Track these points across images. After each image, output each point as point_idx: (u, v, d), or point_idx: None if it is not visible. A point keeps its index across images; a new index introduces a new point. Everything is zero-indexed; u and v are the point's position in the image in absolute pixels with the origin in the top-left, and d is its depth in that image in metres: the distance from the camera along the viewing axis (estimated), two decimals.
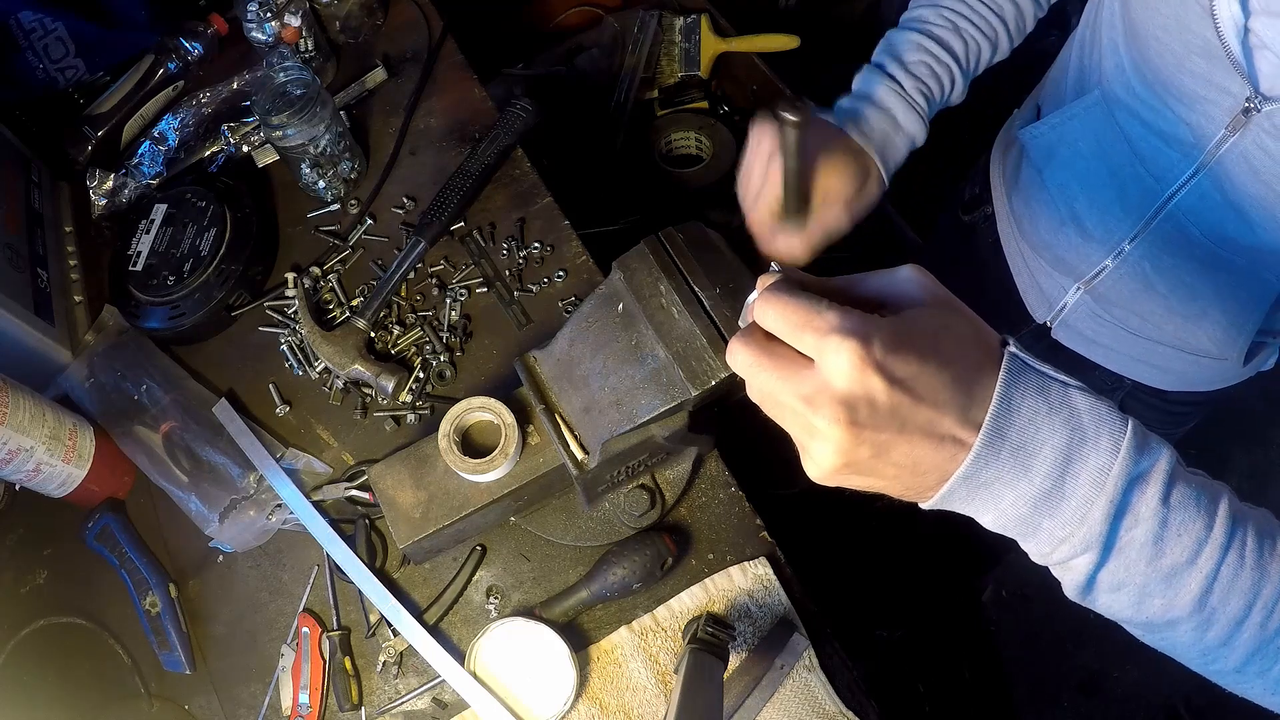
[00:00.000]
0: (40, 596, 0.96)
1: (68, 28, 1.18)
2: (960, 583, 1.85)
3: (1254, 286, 0.78)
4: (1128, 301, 0.88)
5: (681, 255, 0.73)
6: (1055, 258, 0.93)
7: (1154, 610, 0.47)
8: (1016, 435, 0.44)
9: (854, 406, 0.43)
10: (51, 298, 1.04)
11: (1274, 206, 0.69)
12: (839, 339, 0.43)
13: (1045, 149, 0.90)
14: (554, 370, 0.80)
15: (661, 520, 0.88)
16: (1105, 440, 0.44)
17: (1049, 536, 0.46)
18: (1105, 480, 0.44)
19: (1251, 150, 0.68)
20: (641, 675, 0.84)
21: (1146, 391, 1.00)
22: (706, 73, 1.80)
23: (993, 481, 0.45)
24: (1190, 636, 0.48)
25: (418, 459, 0.84)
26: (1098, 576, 0.47)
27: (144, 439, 0.98)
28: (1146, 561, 0.46)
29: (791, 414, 0.46)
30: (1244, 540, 0.46)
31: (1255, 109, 0.65)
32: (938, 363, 0.44)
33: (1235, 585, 0.46)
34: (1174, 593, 0.46)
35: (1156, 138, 0.77)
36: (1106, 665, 1.77)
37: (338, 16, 1.20)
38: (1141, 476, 0.45)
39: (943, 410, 0.44)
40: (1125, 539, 0.45)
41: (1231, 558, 0.46)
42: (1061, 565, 0.48)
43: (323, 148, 1.04)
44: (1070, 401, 0.45)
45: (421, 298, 1.04)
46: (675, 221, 0.75)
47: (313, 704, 0.85)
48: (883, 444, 0.44)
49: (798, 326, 0.45)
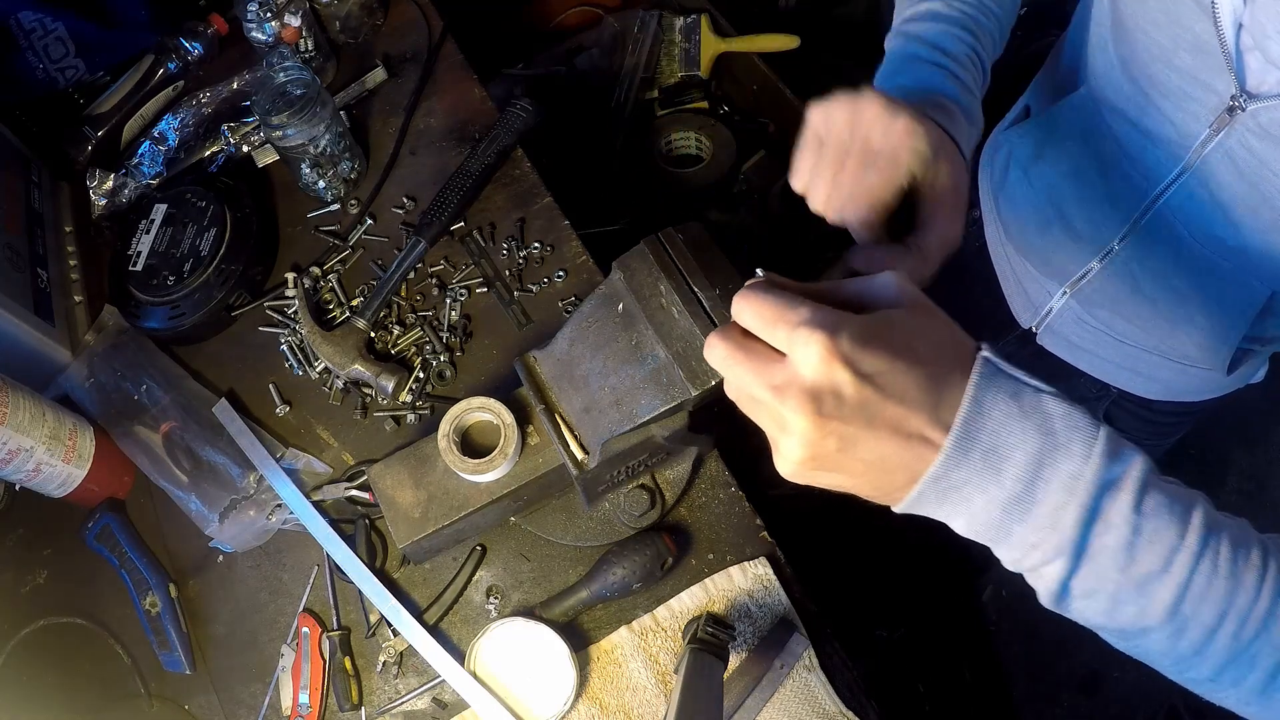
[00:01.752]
0: (40, 596, 0.96)
1: (68, 28, 1.19)
2: (960, 582, 1.84)
3: (1240, 293, 0.78)
4: (1114, 305, 0.88)
5: (681, 255, 0.73)
6: (1042, 260, 0.93)
7: (1127, 618, 0.47)
8: (988, 438, 0.44)
9: (820, 398, 0.44)
10: (51, 298, 1.04)
11: (1258, 207, 0.69)
12: (808, 330, 0.44)
13: (1032, 148, 0.90)
14: (554, 370, 0.80)
15: (661, 520, 0.88)
16: (1078, 446, 0.44)
17: (1020, 542, 0.46)
18: (1077, 486, 0.44)
19: (1236, 149, 0.67)
20: (641, 675, 0.84)
21: (1133, 401, 1.00)
22: (706, 73, 1.81)
23: (963, 484, 0.45)
24: (1164, 644, 0.48)
25: (417, 459, 0.84)
26: (1070, 583, 0.46)
27: (144, 439, 0.98)
28: (1119, 569, 0.45)
29: (762, 406, 0.47)
30: (1218, 549, 0.46)
31: (1240, 107, 0.65)
32: (909, 361, 0.44)
33: (1208, 594, 0.46)
34: (1146, 600, 0.46)
35: (1143, 136, 0.76)
36: (1106, 665, 1.77)
37: (338, 16, 1.20)
38: (1114, 483, 0.45)
39: (911, 408, 0.44)
40: (1097, 545, 0.45)
41: (1204, 566, 0.45)
42: (1034, 572, 0.48)
43: (323, 148, 1.05)
44: (1043, 407, 0.45)
45: (421, 298, 1.04)
46: (675, 221, 0.75)
47: (313, 704, 0.85)
48: (849, 437, 0.44)
49: (771, 321, 0.46)
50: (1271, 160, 0.65)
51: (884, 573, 1.71)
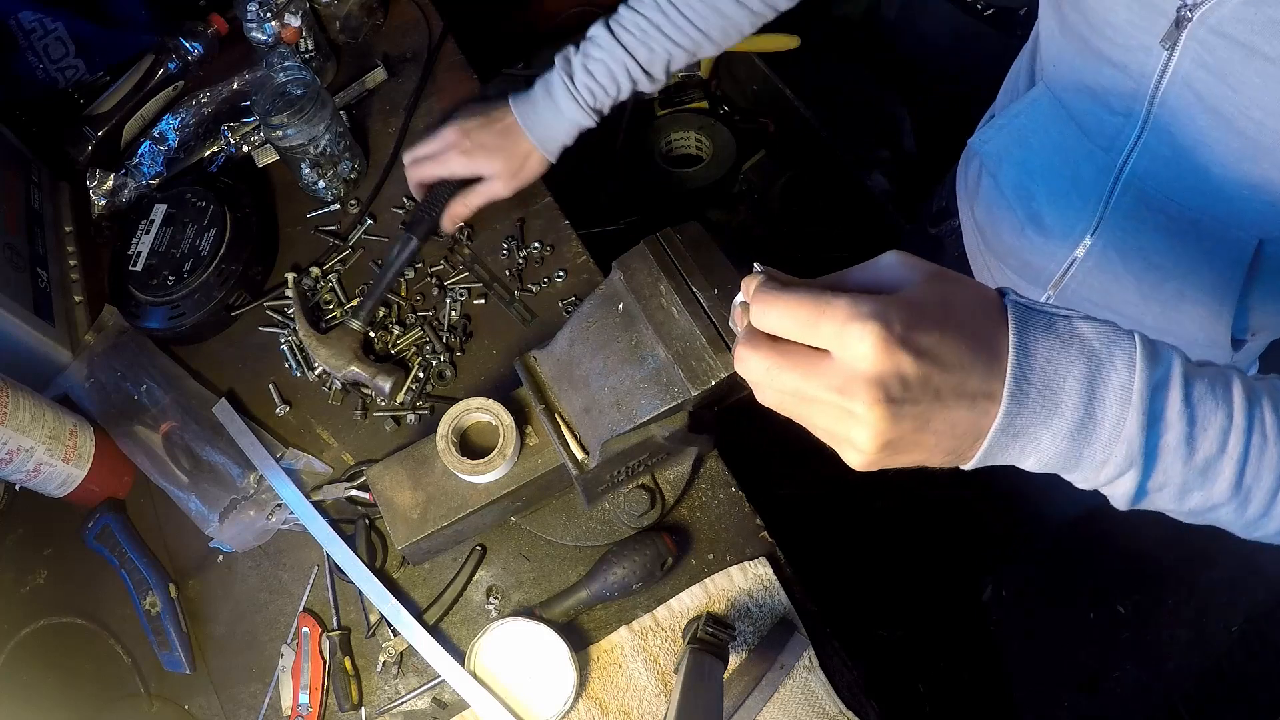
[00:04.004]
0: (40, 596, 0.96)
1: (68, 28, 1.18)
2: (960, 583, 1.85)
3: (1227, 250, 0.76)
4: (1100, 298, 0.87)
5: (681, 256, 0.73)
6: (1021, 263, 0.93)
7: (1195, 501, 0.50)
8: (1039, 376, 0.46)
9: (887, 385, 0.44)
10: (51, 298, 1.04)
11: (1226, 137, 0.67)
12: (860, 324, 0.43)
13: (998, 152, 0.91)
14: (554, 370, 0.80)
15: (661, 520, 0.88)
16: (1120, 359, 0.46)
17: (1090, 462, 0.48)
18: (1130, 396, 0.46)
19: (1193, 73, 0.66)
20: (641, 675, 0.84)
21: None
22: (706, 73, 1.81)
23: (1028, 426, 0.46)
24: (1232, 516, 0.51)
25: (416, 460, 0.84)
26: (1145, 486, 0.48)
27: (144, 439, 0.98)
28: (1183, 461, 0.48)
29: (824, 407, 0.46)
30: (1263, 418, 0.48)
31: (1187, 17, 0.64)
32: (953, 327, 0.45)
33: (1264, 462, 0.48)
34: (1211, 483, 0.49)
35: (1098, 104, 0.76)
36: (1106, 665, 1.77)
37: (338, 16, 1.20)
38: (1161, 383, 0.47)
39: (968, 370, 0.45)
40: (1161, 445, 0.47)
41: (1255, 439, 0.48)
42: (1108, 485, 0.49)
43: (323, 148, 1.04)
44: (1078, 332, 0.47)
45: (421, 298, 1.04)
46: (675, 221, 0.75)
47: (313, 704, 0.85)
48: (921, 415, 0.45)
49: (808, 321, 0.45)
50: (1229, 72, 0.64)
51: (884, 573, 1.71)
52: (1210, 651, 1.75)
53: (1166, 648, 1.76)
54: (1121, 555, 1.72)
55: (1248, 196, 0.70)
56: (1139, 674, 1.74)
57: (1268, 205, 0.69)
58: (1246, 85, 0.63)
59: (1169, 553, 1.78)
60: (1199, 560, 1.77)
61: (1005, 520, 1.60)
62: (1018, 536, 1.73)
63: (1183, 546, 1.73)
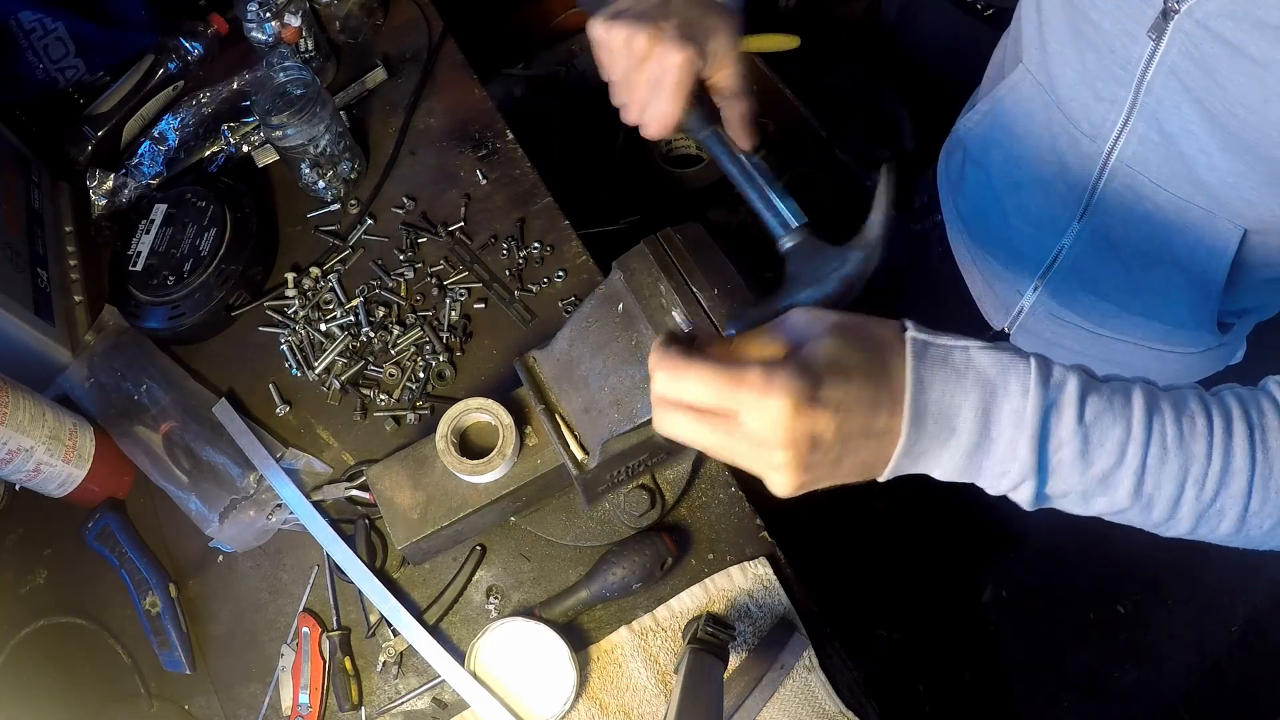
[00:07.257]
0: (40, 596, 0.96)
1: (68, 28, 1.18)
2: (960, 583, 1.85)
3: (1213, 238, 0.76)
4: (1087, 288, 0.87)
5: (681, 256, 0.73)
6: (1009, 253, 0.92)
7: (1099, 507, 0.54)
8: (935, 407, 0.50)
9: (800, 444, 0.48)
10: (51, 298, 1.04)
11: (1211, 128, 0.68)
12: (775, 396, 0.47)
13: (982, 140, 0.90)
14: (554, 370, 0.80)
15: (661, 520, 0.88)
16: (1014, 384, 0.50)
17: (990, 474, 0.52)
18: (1023, 419, 0.50)
19: (1179, 64, 0.66)
20: (641, 675, 0.84)
21: None
22: None
23: (928, 449, 0.51)
24: (1139, 518, 0.54)
25: (416, 460, 0.84)
26: (1043, 493, 0.53)
27: (144, 439, 0.98)
28: (1079, 474, 0.51)
29: (745, 455, 0.51)
30: (1163, 429, 0.51)
31: (1174, 9, 0.64)
32: (859, 375, 0.49)
33: (1164, 471, 0.51)
34: (1112, 491, 0.52)
35: (1086, 91, 0.76)
36: (1106, 665, 1.77)
37: (338, 16, 1.20)
38: (1054, 405, 0.50)
39: (874, 412, 0.49)
40: (1055, 461, 0.51)
41: (1154, 449, 0.51)
42: (1011, 492, 0.53)
43: (323, 148, 1.04)
44: (974, 362, 0.51)
45: (421, 298, 1.04)
46: (675, 221, 0.75)
47: (313, 704, 0.85)
48: (834, 459, 0.50)
49: (725, 392, 0.49)
50: (1215, 68, 0.64)
51: (884, 573, 1.71)
52: (1210, 651, 1.75)
53: (1166, 648, 1.76)
54: (1122, 555, 1.71)
55: (1231, 186, 0.70)
56: (1139, 674, 1.74)
57: (1251, 197, 0.70)
58: (1231, 83, 0.63)
59: (1169, 553, 1.77)
60: (1199, 560, 1.77)
61: (1005, 520, 1.60)
62: (1018, 536, 1.73)
63: (1183, 547, 1.73)
